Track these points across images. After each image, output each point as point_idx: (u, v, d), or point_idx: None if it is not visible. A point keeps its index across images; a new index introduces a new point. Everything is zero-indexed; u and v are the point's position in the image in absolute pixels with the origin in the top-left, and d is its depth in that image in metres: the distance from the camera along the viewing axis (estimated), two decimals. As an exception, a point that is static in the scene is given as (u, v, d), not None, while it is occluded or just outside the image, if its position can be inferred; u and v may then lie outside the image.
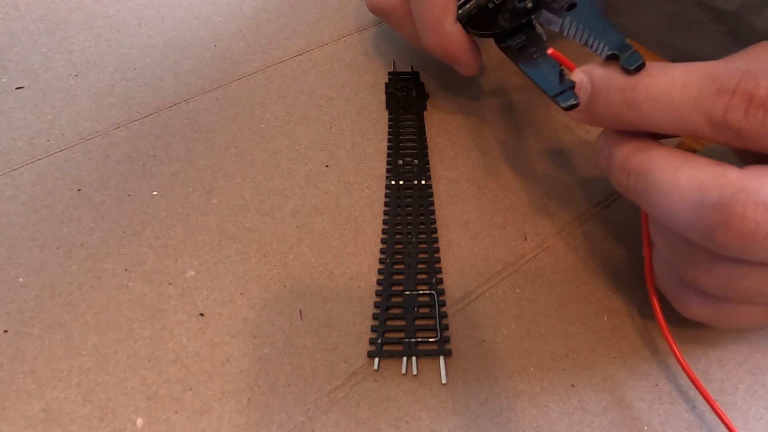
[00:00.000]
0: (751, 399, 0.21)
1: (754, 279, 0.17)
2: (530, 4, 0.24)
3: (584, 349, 0.23)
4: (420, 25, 0.27)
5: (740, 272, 0.17)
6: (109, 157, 0.29)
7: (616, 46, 0.19)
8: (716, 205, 0.16)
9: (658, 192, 0.18)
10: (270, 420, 0.20)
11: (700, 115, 0.17)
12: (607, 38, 0.20)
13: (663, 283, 0.21)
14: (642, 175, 0.18)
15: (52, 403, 0.21)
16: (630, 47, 0.19)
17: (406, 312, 0.23)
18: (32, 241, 0.25)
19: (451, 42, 0.26)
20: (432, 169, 0.29)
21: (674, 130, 0.18)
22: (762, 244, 0.16)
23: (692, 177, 0.17)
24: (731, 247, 0.16)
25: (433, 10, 0.25)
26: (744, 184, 0.16)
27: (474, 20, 0.26)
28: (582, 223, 0.27)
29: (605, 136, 0.20)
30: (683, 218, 0.17)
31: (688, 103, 0.17)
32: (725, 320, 0.19)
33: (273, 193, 0.27)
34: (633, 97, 0.18)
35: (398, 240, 0.26)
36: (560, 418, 0.21)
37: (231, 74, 0.33)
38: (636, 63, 0.18)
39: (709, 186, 0.16)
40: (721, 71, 0.17)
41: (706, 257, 0.18)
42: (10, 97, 0.32)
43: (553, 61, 0.21)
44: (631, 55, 0.18)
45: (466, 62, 0.28)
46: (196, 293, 0.24)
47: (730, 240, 0.16)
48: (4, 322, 0.23)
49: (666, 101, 0.17)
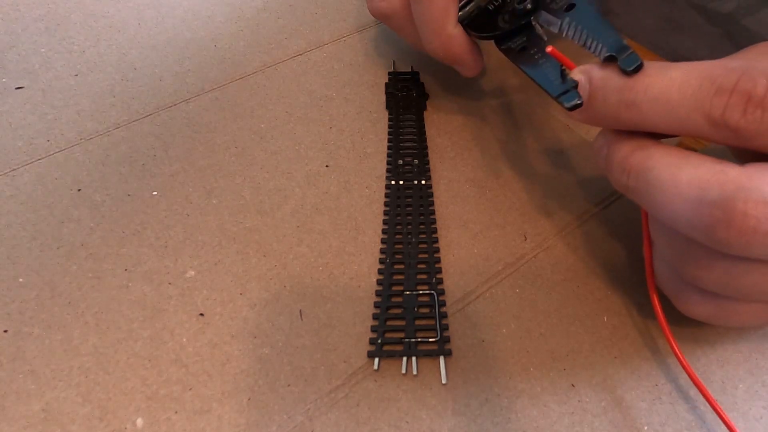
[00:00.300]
0: (751, 399, 0.21)
1: (754, 276, 0.17)
2: (530, 5, 0.24)
3: (584, 349, 0.23)
4: (421, 28, 0.27)
5: (740, 270, 0.17)
6: (109, 157, 0.29)
7: (614, 47, 0.19)
8: (717, 203, 0.16)
9: (658, 190, 0.18)
10: (270, 420, 0.20)
11: (698, 114, 0.17)
12: (605, 39, 0.20)
13: (663, 281, 0.21)
14: (641, 174, 0.18)
15: (52, 403, 0.21)
16: (628, 48, 0.19)
17: (406, 312, 0.23)
18: (32, 241, 0.25)
19: (453, 44, 0.26)
20: (432, 169, 0.29)
21: (673, 130, 0.18)
22: (763, 241, 0.16)
23: (692, 175, 0.17)
24: (732, 244, 0.16)
25: (434, 13, 0.25)
26: (744, 181, 0.16)
27: (474, 22, 0.26)
28: (582, 223, 0.27)
29: (603, 136, 0.20)
30: (683, 216, 0.17)
31: (687, 103, 0.17)
32: (726, 318, 0.19)
33: (273, 193, 0.28)
34: (631, 97, 0.18)
35: (398, 240, 0.26)
36: (560, 418, 0.21)
37: (231, 74, 0.33)
38: (634, 64, 0.18)
39: (710, 183, 0.16)
40: (719, 71, 0.17)
41: (706, 255, 0.18)
42: (10, 97, 0.32)
43: (555, 62, 0.21)
44: (629, 56, 0.18)
45: (469, 64, 0.28)
46: (196, 293, 0.24)
47: (731, 237, 0.16)
48: (4, 322, 0.23)
49: (664, 101, 0.17)
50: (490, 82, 0.33)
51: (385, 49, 0.35)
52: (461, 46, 0.26)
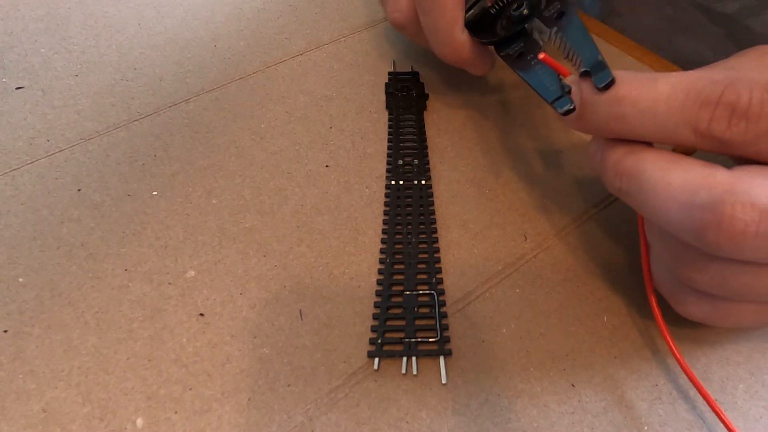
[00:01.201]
0: (751, 399, 0.21)
1: (747, 278, 0.17)
2: (526, 11, 0.24)
3: (584, 349, 0.23)
4: (431, 37, 0.27)
5: (733, 271, 0.17)
6: (109, 157, 0.29)
7: (589, 62, 0.20)
8: (706, 206, 0.16)
9: (650, 194, 0.18)
10: (270, 420, 0.20)
11: (685, 127, 0.17)
12: (585, 53, 0.20)
13: (660, 283, 0.21)
14: (634, 178, 0.18)
15: (52, 403, 0.21)
16: (604, 65, 0.19)
17: (406, 312, 0.23)
18: (32, 241, 0.25)
19: (464, 50, 0.27)
20: (432, 169, 0.29)
21: (662, 141, 0.18)
22: (751, 243, 0.16)
23: (682, 178, 0.17)
24: (722, 247, 0.16)
25: (442, 22, 0.26)
26: (732, 184, 0.16)
27: (477, 26, 0.27)
28: (582, 223, 0.27)
29: (596, 141, 0.21)
30: (675, 219, 0.17)
31: (674, 116, 0.17)
32: (722, 319, 0.20)
33: (273, 193, 0.27)
34: (620, 111, 0.18)
35: (398, 240, 0.26)
36: (560, 418, 0.21)
37: (231, 74, 0.33)
38: (605, 81, 0.19)
39: (699, 187, 0.17)
40: (704, 83, 0.17)
41: (700, 257, 0.18)
42: (10, 97, 0.32)
43: (550, 67, 0.22)
44: (603, 73, 0.19)
45: (478, 65, 0.28)
46: (196, 293, 0.24)
47: (720, 240, 0.16)
48: (4, 322, 0.23)
49: (652, 114, 0.18)
50: (490, 83, 0.33)
51: (385, 49, 0.35)
52: (471, 51, 0.27)
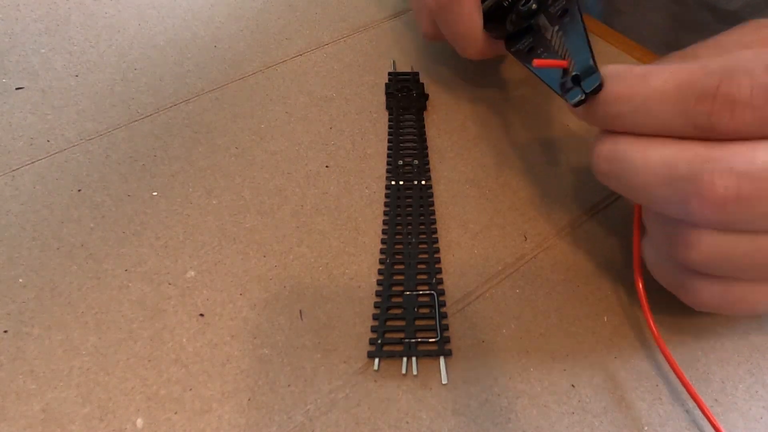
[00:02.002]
0: (751, 399, 0.21)
1: (744, 247, 0.17)
2: (534, 6, 0.24)
3: (584, 349, 0.23)
4: (455, 43, 0.28)
5: (729, 242, 0.17)
6: (109, 157, 0.29)
7: (580, 68, 0.20)
8: (686, 177, 0.16)
9: (632, 172, 0.18)
10: (270, 420, 0.20)
11: (684, 122, 0.17)
12: (577, 58, 0.21)
13: (666, 277, 0.21)
14: (616, 159, 0.19)
15: (52, 403, 0.21)
16: (593, 70, 0.19)
17: (406, 312, 0.23)
18: (32, 241, 0.25)
19: (488, 47, 0.28)
20: (432, 169, 0.29)
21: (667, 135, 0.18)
22: (734, 208, 0.16)
23: (661, 153, 0.17)
24: (708, 216, 0.16)
25: (462, 27, 0.27)
26: (709, 153, 0.16)
27: (489, 19, 0.27)
28: (582, 223, 0.27)
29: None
30: (659, 195, 0.17)
31: (669, 111, 0.17)
32: (736, 304, 0.19)
33: (273, 193, 0.27)
34: (614, 110, 0.18)
35: (398, 240, 0.26)
36: (560, 418, 0.21)
37: (231, 74, 0.33)
38: (592, 86, 0.19)
39: (677, 159, 0.17)
40: (698, 76, 0.17)
41: (692, 232, 0.18)
42: (10, 97, 0.32)
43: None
44: (590, 78, 0.19)
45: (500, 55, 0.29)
46: (196, 293, 0.24)
47: (704, 209, 0.16)
48: (4, 322, 0.23)
49: (646, 111, 0.18)
50: (490, 82, 0.33)
51: (385, 49, 0.35)
52: (494, 46, 0.28)
